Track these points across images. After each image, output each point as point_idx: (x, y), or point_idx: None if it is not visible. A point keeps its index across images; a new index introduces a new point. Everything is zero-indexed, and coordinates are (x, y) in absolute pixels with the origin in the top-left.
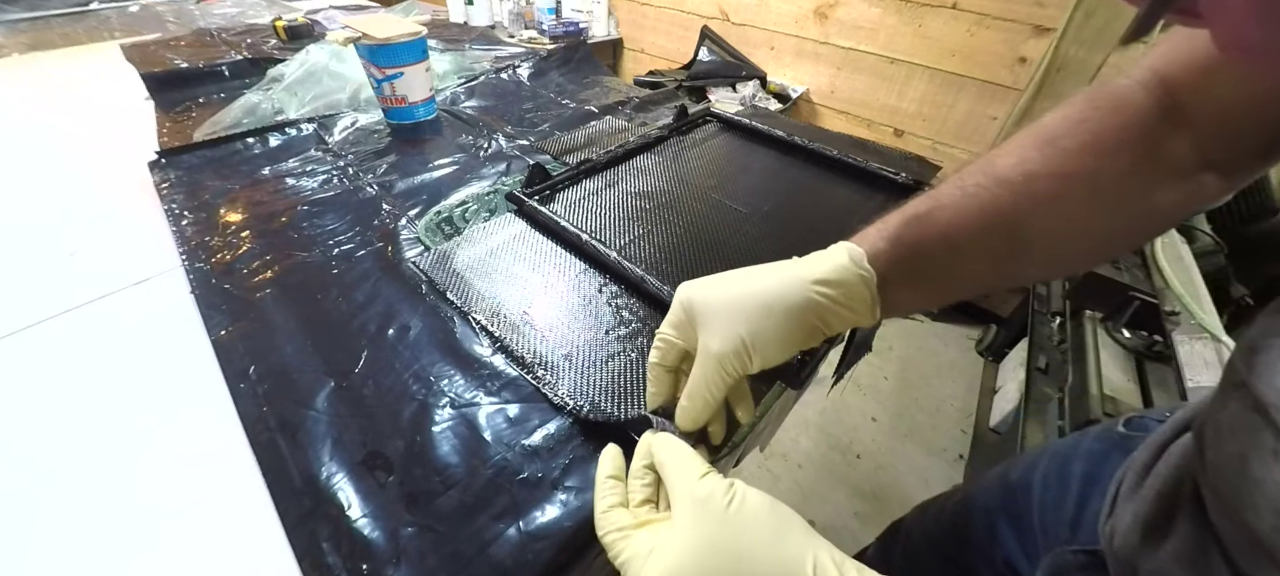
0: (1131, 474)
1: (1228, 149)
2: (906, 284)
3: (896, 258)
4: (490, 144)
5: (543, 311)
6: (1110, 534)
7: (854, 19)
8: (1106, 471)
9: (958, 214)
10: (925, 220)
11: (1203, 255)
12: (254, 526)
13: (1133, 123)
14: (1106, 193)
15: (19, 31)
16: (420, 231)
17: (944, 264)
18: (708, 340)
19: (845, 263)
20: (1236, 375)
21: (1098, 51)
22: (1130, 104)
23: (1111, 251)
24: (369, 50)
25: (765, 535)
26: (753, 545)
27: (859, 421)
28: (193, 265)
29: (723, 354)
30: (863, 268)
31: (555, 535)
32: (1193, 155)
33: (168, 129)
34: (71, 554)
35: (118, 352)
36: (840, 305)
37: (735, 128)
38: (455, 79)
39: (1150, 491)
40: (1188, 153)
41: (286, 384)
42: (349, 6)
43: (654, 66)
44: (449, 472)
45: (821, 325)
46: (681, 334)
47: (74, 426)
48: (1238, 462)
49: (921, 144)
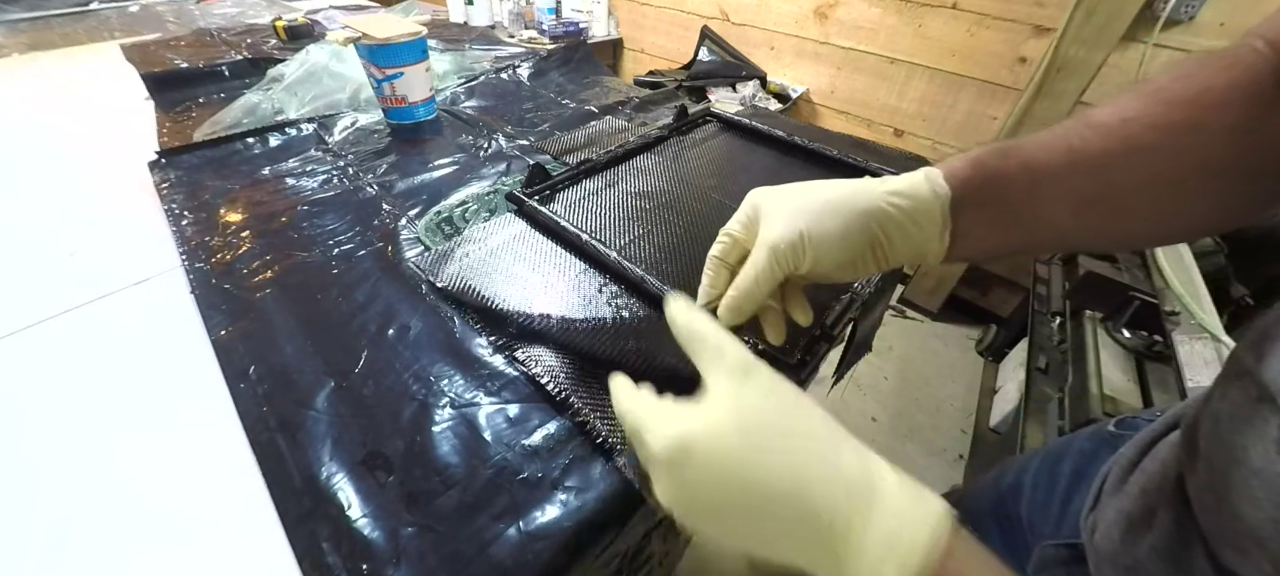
0: (1117, 469)
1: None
2: (980, 212)
3: (973, 181)
4: (490, 144)
5: (543, 311)
6: (1092, 527)
7: (854, 19)
8: (1094, 468)
9: (1043, 148)
10: (1010, 151)
11: (1203, 255)
12: (254, 526)
13: (1244, 79)
14: (1206, 149)
15: (19, 31)
16: (420, 231)
17: (1023, 196)
18: (767, 231)
19: (919, 179)
20: (1240, 365)
21: (1098, 51)
22: (1244, 62)
23: (1206, 221)
24: (369, 50)
25: (818, 424)
26: (801, 424)
27: (859, 421)
28: (193, 265)
29: (777, 243)
30: (938, 184)
31: (555, 535)
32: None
33: (168, 129)
34: (72, 553)
35: (118, 352)
36: (908, 220)
37: (735, 128)
38: (455, 79)
39: (1135, 487)
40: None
41: (286, 384)
42: (349, 6)
43: (654, 66)
44: (449, 472)
45: (884, 238)
46: (747, 232)
47: (74, 426)
48: (1237, 453)
49: (921, 144)
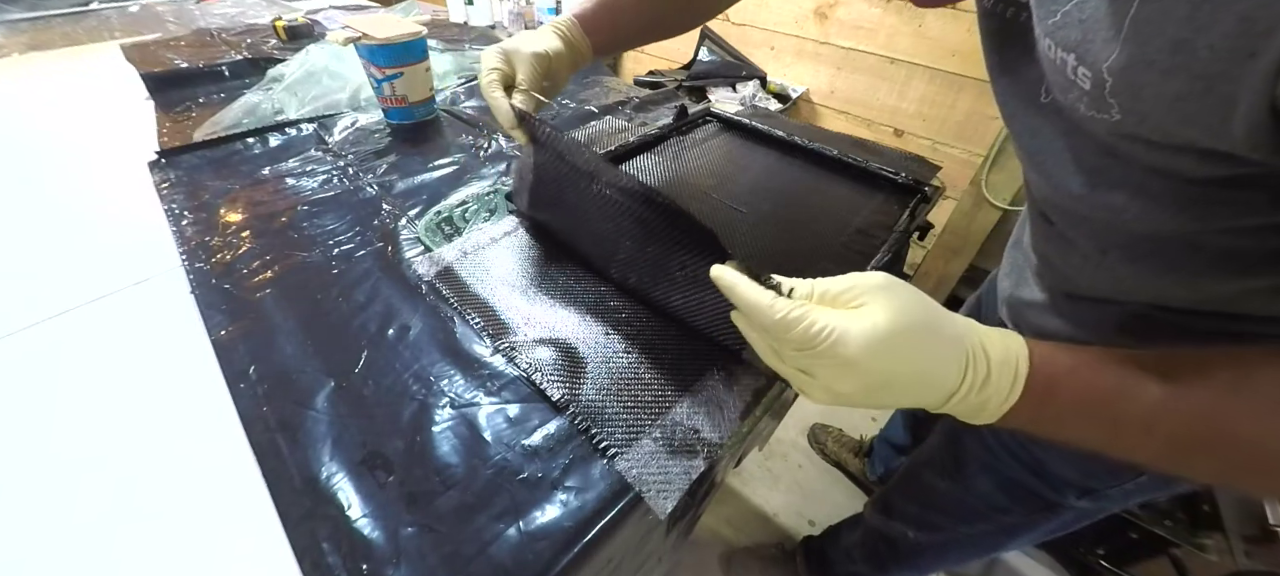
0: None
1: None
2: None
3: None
4: (490, 144)
5: (542, 311)
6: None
7: (854, 19)
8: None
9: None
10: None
11: None
12: (254, 526)
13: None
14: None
15: (19, 31)
16: (420, 231)
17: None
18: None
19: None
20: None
21: None
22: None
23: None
24: (369, 50)
25: (940, 312)
26: (939, 316)
27: (859, 421)
28: (193, 265)
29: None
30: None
31: (555, 535)
32: None
33: (168, 129)
34: (71, 553)
35: (118, 352)
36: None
37: (735, 128)
38: (455, 79)
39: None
40: None
41: (286, 384)
42: (349, 6)
43: (654, 66)
44: (449, 472)
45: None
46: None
47: (74, 426)
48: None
49: (921, 144)
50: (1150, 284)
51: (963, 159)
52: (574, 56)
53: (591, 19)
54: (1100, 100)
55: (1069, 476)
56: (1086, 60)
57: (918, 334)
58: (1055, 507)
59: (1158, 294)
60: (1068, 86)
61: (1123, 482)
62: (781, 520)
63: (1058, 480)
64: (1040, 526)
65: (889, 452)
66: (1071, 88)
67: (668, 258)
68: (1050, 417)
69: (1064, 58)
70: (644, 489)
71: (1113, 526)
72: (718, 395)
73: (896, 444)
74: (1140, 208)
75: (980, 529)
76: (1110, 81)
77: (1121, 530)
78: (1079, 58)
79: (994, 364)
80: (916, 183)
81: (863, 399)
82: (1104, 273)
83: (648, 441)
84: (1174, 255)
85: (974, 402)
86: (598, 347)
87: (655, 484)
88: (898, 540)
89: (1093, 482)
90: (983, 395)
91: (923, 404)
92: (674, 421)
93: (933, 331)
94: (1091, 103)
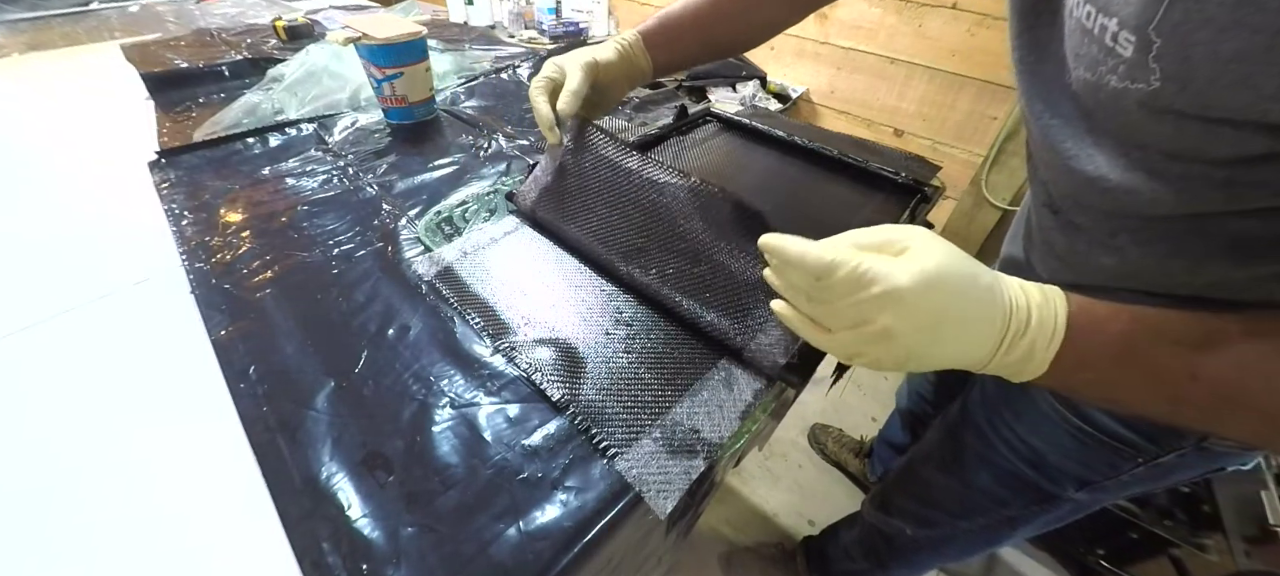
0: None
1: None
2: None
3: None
4: (490, 144)
5: (542, 311)
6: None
7: (854, 19)
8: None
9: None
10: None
11: None
12: (254, 526)
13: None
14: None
15: (19, 31)
16: (420, 231)
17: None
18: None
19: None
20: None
21: None
22: None
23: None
24: (369, 50)
25: (982, 266)
26: (978, 265)
27: (859, 421)
28: (193, 265)
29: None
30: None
31: (555, 535)
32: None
33: (168, 129)
34: (71, 553)
35: (118, 352)
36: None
37: (735, 128)
38: (455, 79)
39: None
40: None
41: (286, 384)
42: (349, 6)
43: None
44: (449, 472)
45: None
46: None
47: (73, 426)
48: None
49: (921, 144)
50: (1156, 267)
51: (963, 159)
52: (630, 70)
53: (653, 36)
54: (1140, 67)
55: (1067, 468)
56: (1130, 23)
57: (963, 276)
58: (1053, 499)
59: (1164, 280)
60: (1101, 57)
61: (1119, 474)
62: (781, 520)
63: (1056, 472)
64: (1038, 519)
65: (889, 453)
66: (1107, 57)
67: (713, 239)
68: (1094, 364)
69: (1105, 23)
70: (644, 489)
71: (1113, 526)
72: (718, 395)
73: (896, 444)
74: (1156, 190)
75: (978, 522)
76: (1158, 43)
77: (1121, 530)
78: (1121, 22)
79: (1034, 307)
80: (916, 183)
81: (911, 346)
82: (1111, 256)
83: (648, 441)
84: (1181, 238)
85: (1021, 350)
86: (598, 347)
87: (655, 484)
88: (895, 536)
89: (1090, 474)
90: (1027, 340)
91: (969, 358)
92: (674, 421)
93: (974, 277)
94: (1128, 71)
